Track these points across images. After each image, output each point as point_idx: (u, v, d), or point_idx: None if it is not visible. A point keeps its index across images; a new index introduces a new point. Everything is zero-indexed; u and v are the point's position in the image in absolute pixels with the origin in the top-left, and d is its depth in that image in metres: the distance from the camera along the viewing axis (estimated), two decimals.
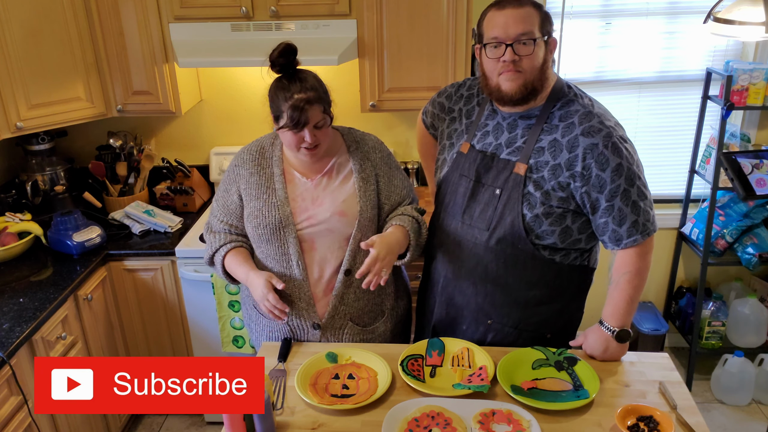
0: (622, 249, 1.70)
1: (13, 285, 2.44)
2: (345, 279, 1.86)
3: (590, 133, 1.65)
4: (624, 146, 1.65)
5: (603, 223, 1.69)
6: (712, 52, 3.02)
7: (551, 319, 1.85)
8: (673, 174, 3.24)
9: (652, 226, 1.69)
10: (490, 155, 1.78)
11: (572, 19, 2.98)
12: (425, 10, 2.57)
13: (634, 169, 1.65)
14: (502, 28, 1.63)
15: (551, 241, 1.73)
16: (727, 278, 3.31)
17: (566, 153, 1.67)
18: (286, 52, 1.72)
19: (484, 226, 1.77)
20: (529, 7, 1.64)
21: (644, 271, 1.72)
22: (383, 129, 3.12)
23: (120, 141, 3.03)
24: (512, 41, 1.62)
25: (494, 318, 1.84)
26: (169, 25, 2.66)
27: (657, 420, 1.49)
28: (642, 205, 1.66)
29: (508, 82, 1.66)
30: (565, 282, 1.81)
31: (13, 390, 2.07)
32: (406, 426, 1.50)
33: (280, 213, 1.83)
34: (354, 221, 1.83)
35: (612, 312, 1.74)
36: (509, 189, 1.72)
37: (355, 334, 1.93)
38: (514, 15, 1.62)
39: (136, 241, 2.80)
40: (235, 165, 1.93)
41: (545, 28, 1.66)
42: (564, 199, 1.69)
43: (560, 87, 1.74)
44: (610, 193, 1.64)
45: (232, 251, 1.88)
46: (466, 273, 1.83)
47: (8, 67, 2.51)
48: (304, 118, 1.71)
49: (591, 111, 1.69)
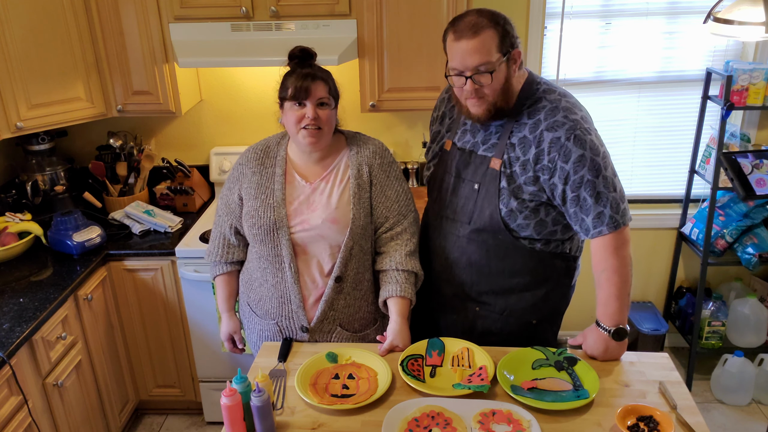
0: (592, 239, 1.73)
1: (13, 285, 2.44)
2: (335, 285, 1.86)
3: (554, 127, 1.69)
4: (588, 138, 1.68)
5: (573, 213, 1.74)
6: (712, 52, 3.03)
7: (536, 305, 1.90)
8: (673, 174, 3.24)
9: (622, 218, 1.70)
10: (468, 152, 1.85)
11: (572, 19, 2.98)
12: (425, 10, 2.57)
13: (598, 160, 1.67)
14: (460, 61, 1.65)
15: (528, 233, 1.79)
16: (727, 278, 3.31)
17: (534, 148, 1.71)
18: (305, 49, 1.82)
19: (465, 220, 1.84)
20: (485, 32, 1.61)
21: (622, 268, 1.72)
22: (383, 129, 3.12)
23: (120, 141, 3.03)
24: (471, 73, 1.65)
25: (481, 306, 1.91)
26: (169, 25, 2.66)
27: (657, 420, 1.49)
28: (609, 196, 1.68)
29: (474, 108, 1.73)
30: (548, 269, 1.87)
31: (13, 390, 2.07)
32: (406, 426, 1.50)
33: (275, 215, 1.83)
34: (345, 229, 1.83)
35: (604, 312, 1.75)
36: (486, 183, 1.79)
37: (344, 339, 1.93)
38: (469, 48, 1.62)
39: (136, 241, 2.80)
40: (239, 164, 1.95)
41: (505, 46, 1.65)
42: (535, 193, 1.74)
43: (529, 85, 1.77)
44: (575, 184, 1.68)
45: (224, 276, 2.03)
46: (453, 264, 1.90)
47: (8, 67, 2.51)
48: (307, 88, 1.75)
49: (557, 106, 1.72)
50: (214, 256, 2.01)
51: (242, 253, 2.00)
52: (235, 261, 2.01)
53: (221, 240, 1.99)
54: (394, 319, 1.84)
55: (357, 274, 1.89)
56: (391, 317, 1.85)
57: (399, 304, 1.85)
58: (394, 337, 1.81)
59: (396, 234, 1.91)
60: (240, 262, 2.03)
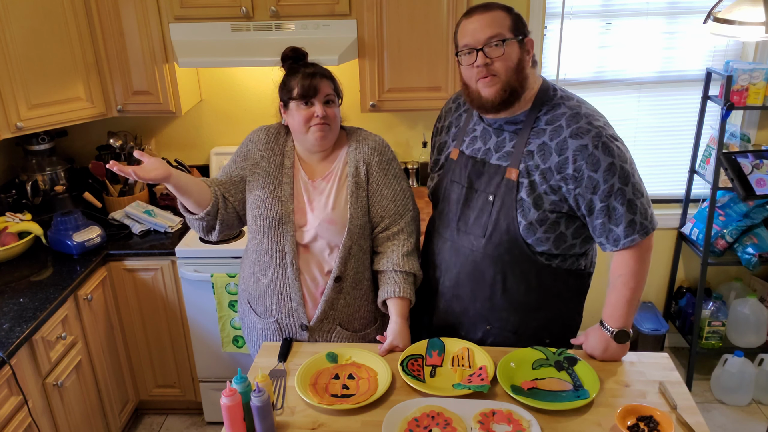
0: (620, 250, 1.69)
1: (13, 285, 2.44)
2: (335, 285, 1.86)
3: (579, 134, 1.64)
4: (615, 144, 1.64)
5: (600, 225, 1.68)
6: (712, 52, 3.03)
7: (550, 323, 1.84)
8: (673, 174, 3.24)
9: (651, 224, 1.68)
10: (480, 161, 1.78)
11: (572, 19, 2.98)
12: (425, 10, 2.57)
13: (626, 168, 1.64)
14: (471, 35, 1.64)
15: (545, 248, 1.73)
16: (727, 278, 3.31)
17: (556, 156, 1.66)
18: (296, 49, 1.83)
19: (479, 233, 1.77)
20: (498, 11, 1.65)
21: (640, 273, 1.70)
22: (383, 129, 3.12)
23: (120, 141, 3.03)
24: (482, 45, 1.63)
25: (493, 323, 1.84)
26: (169, 25, 2.66)
27: (657, 420, 1.49)
28: (638, 203, 1.65)
29: (486, 88, 1.67)
30: (562, 286, 1.81)
31: (13, 390, 2.07)
32: (406, 426, 1.50)
33: (282, 208, 1.82)
34: (343, 229, 1.83)
35: (611, 313, 1.74)
36: (502, 195, 1.72)
37: (344, 338, 1.93)
38: (481, 20, 1.63)
39: (136, 241, 2.80)
40: (249, 140, 1.92)
41: (518, 29, 1.65)
42: (557, 203, 1.68)
43: (545, 90, 1.73)
44: (605, 194, 1.63)
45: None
46: (464, 280, 1.83)
47: (8, 67, 2.51)
48: (315, 86, 1.76)
49: (578, 112, 1.67)
50: None
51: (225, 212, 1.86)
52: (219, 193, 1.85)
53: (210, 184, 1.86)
54: (394, 320, 1.83)
55: (357, 274, 1.89)
56: (391, 318, 1.85)
57: (398, 305, 1.84)
58: (393, 337, 1.81)
59: (392, 234, 1.89)
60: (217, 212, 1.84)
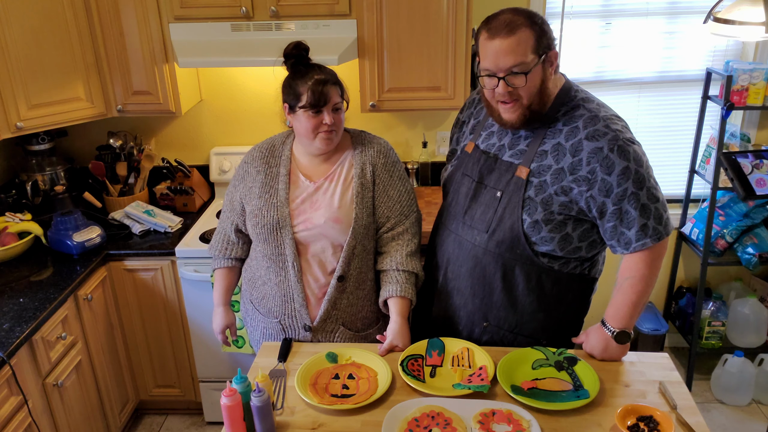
0: (630, 253, 1.68)
1: (13, 285, 2.44)
2: (338, 285, 1.86)
3: (595, 137, 1.62)
4: (631, 148, 1.61)
5: (611, 228, 1.66)
6: (712, 52, 3.03)
7: (548, 326, 1.84)
8: (673, 174, 3.24)
9: (665, 229, 1.65)
10: (492, 156, 1.77)
11: (572, 19, 2.97)
12: (425, 10, 2.57)
13: (642, 172, 1.61)
14: (493, 60, 1.58)
15: (549, 248, 1.72)
16: (727, 278, 3.31)
17: (570, 157, 1.64)
18: (299, 46, 1.81)
19: (483, 228, 1.76)
20: (521, 31, 1.55)
21: (649, 278, 1.69)
22: (383, 129, 3.12)
23: (120, 141, 3.03)
24: (504, 74, 1.58)
25: (490, 320, 1.84)
26: (169, 25, 2.66)
27: (657, 420, 1.49)
28: (653, 207, 1.63)
29: (507, 114, 1.65)
30: (563, 291, 1.79)
31: (13, 390, 2.07)
32: (406, 426, 1.50)
33: (279, 214, 1.83)
34: (348, 228, 1.84)
35: (613, 314, 1.73)
36: (510, 192, 1.71)
37: (347, 338, 1.93)
38: (504, 47, 1.55)
39: (136, 241, 2.80)
40: (245, 162, 1.96)
41: (542, 46, 1.58)
42: (566, 205, 1.67)
43: (566, 91, 1.71)
44: (618, 197, 1.61)
45: (223, 269, 2.04)
46: (465, 274, 1.83)
47: (8, 67, 2.51)
48: (325, 96, 1.75)
49: (597, 115, 1.65)
50: (215, 250, 2.03)
51: (242, 251, 2.02)
52: (235, 257, 2.02)
53: (223, 236, 2.02)
54: (394, 319, 1.83)
55: (360, 274, 1.89)
56: (391, 317, 1.85)
57: (399, 304, 1.85)
58: (393, 337, 1.81)
59: (397, 234, 1.90)
60: (241, 259, 2.04)
